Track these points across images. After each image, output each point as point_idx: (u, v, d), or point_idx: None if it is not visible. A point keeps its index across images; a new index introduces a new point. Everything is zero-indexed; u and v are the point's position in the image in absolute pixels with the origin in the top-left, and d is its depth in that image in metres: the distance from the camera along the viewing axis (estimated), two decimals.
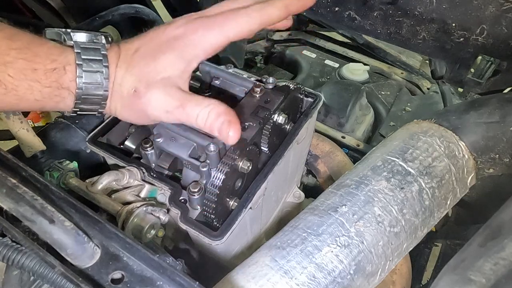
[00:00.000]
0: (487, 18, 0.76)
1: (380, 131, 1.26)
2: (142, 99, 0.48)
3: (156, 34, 0.51)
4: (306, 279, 0.49)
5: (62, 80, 0.45)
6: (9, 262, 0.39)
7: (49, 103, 0.46)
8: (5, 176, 0.42)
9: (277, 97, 0.60)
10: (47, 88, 0.44)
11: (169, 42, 0.49)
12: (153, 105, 0.48)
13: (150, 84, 0.48)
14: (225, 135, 0.47)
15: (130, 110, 0.50)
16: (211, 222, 0.53)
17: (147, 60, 0.48)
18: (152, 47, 0.49)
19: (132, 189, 0.59)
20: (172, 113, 0.48)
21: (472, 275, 0.44)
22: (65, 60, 0.45)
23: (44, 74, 0.44)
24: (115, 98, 0.49)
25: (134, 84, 0.48)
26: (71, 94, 0.46)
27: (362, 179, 0.60)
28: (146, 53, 0.49)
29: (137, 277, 0.41)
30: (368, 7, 0.89)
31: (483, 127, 0.65)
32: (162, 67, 0.48)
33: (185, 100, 0.48)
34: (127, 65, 0.49)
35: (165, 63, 0.48)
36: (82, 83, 0.46)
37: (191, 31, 0.49)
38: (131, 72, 0.48)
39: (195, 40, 0.48)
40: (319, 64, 1.53)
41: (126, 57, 0.49)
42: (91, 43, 0.47)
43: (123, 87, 0.49)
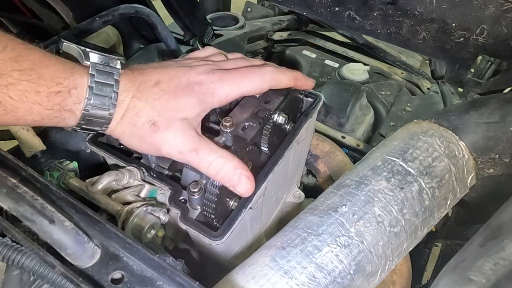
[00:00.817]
0: (487, 18, 0.76)
1: (380, 131, 1.26)
2: (159, 134, 0.49)
3: (177, 74, 0.52)
4: (306, 279, 0.49)
5: (65, 103, 0.45)
6: (9, 262, 0.39)
7: (47, 123, 0.46)
8: (5, 176, 0.42)
9: (277, 97, 0.60)
10: (48, 110, 0.44)
11: (190, 85, 0.51)
12: (169, 142, 0.49)
13: (170, 122, 0.49)
14: (243, 189, 0.49)
15: (141, 141, 0.50)
16: (211, 222, 0.53)
17: (169, 96, 0.49)
18: (174, 85, 0.51)
19: (132, 189, 0.59)
20: (184, 154, 0.49)
21: (472, 275, 0.44)
22: (71, 83, 0.45)
23: (46, 97, 0.43)
24: (125, 125, 0.49)
25: (154, 117, 0.49)
26: (73, 115, 0.46)
27: (362, 179, 0.60)
28: (168, 89, 0.50)
29: (137, 277, 0.41)
30: (368, 7, 0.89)
31: (483, 127, 0.65)
32: (182, 107, 0.50)
33: (200, 144, 0.49)
34: (146, 97, 0.49)
35: (186, 105, 0.50)
36: (90, 105, 0.46)
37: (211, 81, 0.52)
38: (152, 104, 0.49)
39: (213, 90, 0.52)
40: (319, 64, 1.53)
41: (145, 88, 0.50)
42: (106, 66, 0.48)
43: (139, 117, 0.49)
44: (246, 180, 0.49)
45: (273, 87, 0.57)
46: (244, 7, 1.82)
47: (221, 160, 0.48)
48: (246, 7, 1.82)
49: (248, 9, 1.82)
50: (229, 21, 1.57)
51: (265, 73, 0.55)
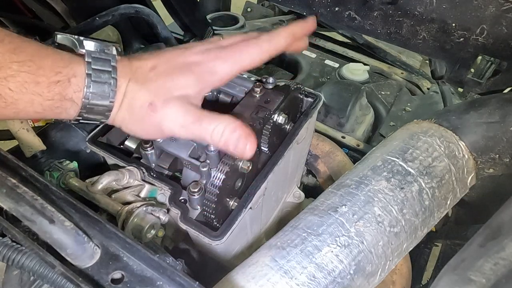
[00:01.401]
0: (487, 18, 0.76)
1: (380, 131, 1.26)
2: (158, 113, 0.48)
3: (173, 56, 0.51)
4: (306, 279, 0.49)
5: (66, 92, 0.44)
6: (9, 262, 0.39)
7: (49, 114, 0.45)
8: (5, 176, 0.42)
9: (277, 97, 0.60)
10: (49, 101, 0.44)
11: (187, 66, 0.50)
12: (169, 119, 0.48)
13: (167, 99, 0.48)
14: (241, 149, 0.48)
15: (141, 124, 0.50)
16: (211, 222, 0.53)
17: (165, 78, 0.49)
18: (170, 67, 0.50)
19: (132, 189, 0.59)
20: (187, 127, 0.48)
21: (472, 275, 0.44)
22: (71, 72, 0.45)
23: (47, 87, 0.43)
24: (124, 111, 0.49)
25: (150, 99, 0.48)
26: (74, 105, 0.46)
27: (362, 179, 0.60)
28: (164, 72, 0.50)
29: (137, 277, 0.41)
30: (368, 7, 0.89)
31: (483, 127, 0.65)
32: (180, 85, 0.49)
33: (202, 115, 0.48)
34: (143, 80, 0.49)
35: (183, 83, 0.49)
36: (89, 93, 0.46)
37: (208, 60, 0.51)
38: (147, 88, 0.48)
39: (212, 68, 0.51)
40: (319, 64, 1.53)
41: (141, 73, 0.49)
42: (102, 53, 0.47)
43: (136, 100, 0.48)
44: (243, 140, 0.47)
45: (275, 53, 0.54)
46: (244, 7, 1.82)
47: (221, 125, 0.47)
48: (246, 7, 1.82)
49: (248, 9, 1.82)
50: (229, 21, 1.57)
51: (261, 43, 0.53)
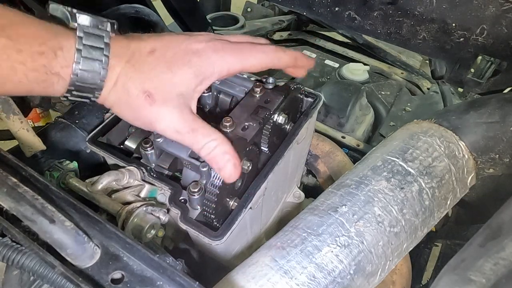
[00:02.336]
0: (487, 18, 0.76)
1: (380, 131, 1.26)
2: (155, 108, 0.47)
3: (174, 42, 0.50)
4: (306, 279, 0.49)
5: (51, 65, 0.43)
6: (9, 262, 0.39)
7: (36, 87, 0.43)
8: (5, 175, 0.42)
9: (277, 97, 0.60)
10: (34, 72, 0.42)
11: (187, 55, 0.49)
12: (165, 120, 0.48)
13: (167, 98, 0.47)
14: (226, 173, 0.48)
15: (134, 112, 0.49)
16: (211, 222, 0.53)
17: (163, 67, 0.48)
18: (170, 54, 0.49)
19: (132, 189, 0.59)
20: (182, 135, 0.48)
21: (472, 275, 0.44)
22: (57, 45, 0.43)
23: (30, 57, 0.41)
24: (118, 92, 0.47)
25: (148, 89, 0.47)
26: (62, 80, 0.44)
27: (362, 179, 0.60)
28: (163, 58, 0.48)
29: (137, 277, 0.41)
30: (368, 7, 0.89)
31: (483, 127, 0.65)
32: (178, 80, 0.48)
33: (197, 126, 0.48)
34: (140, 64, 0.47)
35: (182, 78, 0.48)
36: (79, 70, 0.44)
37: (211, 50, 0.50)
38: (146, 74, 0.47)
39: (213, 60, 0.49)
40: (319, 64, 1.53)
41: (139, 55, 0.48)
42: (95, 29, 0.45)
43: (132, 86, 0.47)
44: (231, 167, 0.48)
45: (274, 66, 0.55)
46: (244, 7, 1.82)
47: (214, 143, 0.48)
48: (246, 7, 1.82)
49: (248, 9, 1.82)
50: (229, 21, 1.57)
51: (267, 50, 0.54)
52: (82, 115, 0.79)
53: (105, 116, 0.80)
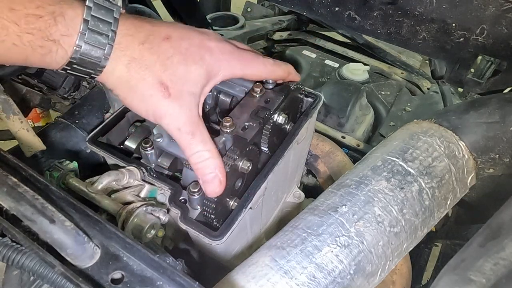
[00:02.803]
0: (487, 18, 0.76)
1: (380, 131, 1.26)
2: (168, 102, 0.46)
3: (189, 34, 0.49)
4: (306, 279, 0.49)
5: (49, 31, 0.40)
6: (9, 262, 0.39)
7: (32, 54, 0.41)
8: (5, 175, 0.42)
9: (277, 97, 0.60)
10: (28, 34, 0.39)
11: (202, 51, 0.49)
12: (173, 116, 0.46)
13: (181, 92, 0.46)
14: (209, 187, 0.49)
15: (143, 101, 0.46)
16: (211, 222, 0.53)
17: (180, 58, 0.46)
18: (185, 45, 0.48)
19: (132, 189, 0.59)
20: (181, 134, 0.47)
21: (472, 275, 0.44)
22: (58, 10, 0.40)
23: (24, 18, 0.39)
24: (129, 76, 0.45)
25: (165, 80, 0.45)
26: (62, 50, 0.42)
27: (362, 179, 0.60)
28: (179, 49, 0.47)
29: (137, 277, 0.41)
30: (368, 7, 0.89)
31: (483, 127, 0.65)
32: (192, 78, 0.47)
33: (197, 130, 0.48)
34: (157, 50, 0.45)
35: (195, 75, 0.48)
36: (84, 42, 0.42)
37: (221, 52, 0.50)
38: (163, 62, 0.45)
39: (223, 61, 0.50)
40: (319, 64, 1.53)
41: (154, 40, 0.46)
42: (106, 1, 0.43)
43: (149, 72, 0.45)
44: (217, 183, 0.48)
45: (269, 77, 0.59)
46: (244, 7, 1.82)
47: (207, 154, 0.48)
48: (246, 7, 1.82)
49: (248, 9, 1.82)
50: (229, 21, 1.57)
51: (266, 63, 0.56)
52: (82, 115, 0.79)
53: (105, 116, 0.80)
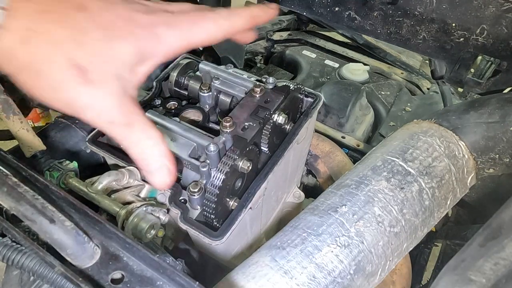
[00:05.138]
0: (487, 18, 0.76)
1: (380, 131, 1.26)
2: (87, 90, 0.36)
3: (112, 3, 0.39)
4: (306, 279, 0.49)
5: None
6: (9, 262, 0.39)
7: None
8: (5, 175, 0.42)
9: (277, 97, 0.60)
10: None
11: (130, 23, 0.39)
12: (97, 108, 0.37)
13: (105, 76, 0.37)
14: (158, 179, 0.41)
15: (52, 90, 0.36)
16: (211, 222, 0.53)
17: (99, 34, 0.36)
18: (107, 18, 0.38)
19: (132, 189, 0.59)
20: (115, 127, 0.39)
21: (472, 275, 0.44)
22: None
23: None
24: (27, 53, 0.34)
25: (80, 60, 0.35)
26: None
27: (362, 179, 0.60)
28: (98, 20, 0.37)
29: (137, 277, 0.41)
30: (368, 7, 0.89)
31: (483, 127, 0.65)
32: (118, 58, 0.38)
33: (135, 118, 0.39)
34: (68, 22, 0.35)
35: (122, 55, 0.38)
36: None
37: (155, 23, 0.40)
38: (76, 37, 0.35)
39: (158, 35, 0.40)
40: (319, 64, 1.53)
41: (64, 9, 0.36)
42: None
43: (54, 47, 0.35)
44: (166, 173, 0.41)
45: (229, 34, 0.46)
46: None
47: (149, 142, 0.40)
48: None
49: None
50: None
51: (218, 18, 0.44)
52: None
53: None
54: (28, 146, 0.63)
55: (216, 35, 0.45)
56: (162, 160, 0.40)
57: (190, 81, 0.69)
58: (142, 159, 0.40)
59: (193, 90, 0.69)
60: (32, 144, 0.63)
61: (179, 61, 0.74)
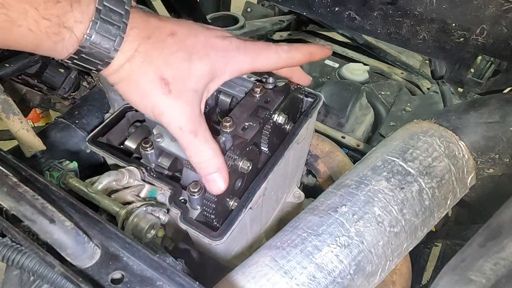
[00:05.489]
0: (487, 18, 0.76)
1: (380, 131, 1.26)
2: (169, 99, 0.45)
3: (195, 30, 0.48)
4: (306, 279, 0.49)
5: (66, 17, 0.39)
6: (9, 262, 0.39)
7: (46, 41, 0.40)
8: (5, 175, 0.42)
9: (277, 97, 0.60)
10: (45, 20, 0.39)
11: (207, 47, 0.47)
12: (173, 114, 0.45)
13: (183, 90, 0.45)
14: (215, 187, 0.48)
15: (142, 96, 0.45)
16: (211, 222, 0.53)
17: (184, 55, 0.45)
18: (190, 42, 0.47)
19: (132, 189, 0.59)
20: (183, 133, 0.46)
21: (472, 275, 0.44)
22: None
23: (43, 3, 0.38)
24: (130, 71, 0.44)
25: (166, 75, 0.44)
26: (73, 37, 0.41)
27: (362, 179, 0.60)
28: (183, 44, 0.46)
29: (137, 277, 0.41)
30: (368, 7, 0.89)
31: (483, 127, 0.65)
32: (195, 75, 0.46)
33: (200, 128, 0.47)
34: (161, 45, 0.44)
35: (198, 72, 0.46)
36: (94, 31, 0.41)
37: (228, 48, 0.49)
38: (166, 57, 0.44)
39: (228, 60, 0.48)
40: (319, 64, 1.53)
41: (160, 35, 0.45)
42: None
43: (150, 66, 0.44)
44: (222, 182, 0.48)
45: (287, 66, 0.55)
46: (244, 7, 1.82)
47: (210, 153, 0.47)
48: (246, 7, 1.82)
49: (248, 9, 1.82)
50: (229, 21, 1.57)
51: (280, 51, 0.52)
52: (82, 115, 0.79)
53: (105, 116, 0.80)
54: (28, 146, 0.63)
55: (276, 65, 0.53)
56: (219, 170, 0.48)
57: None
58: (202, 168, 0.48)
59: None
60: (32, 144, 0.63)
61: None
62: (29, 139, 0.63)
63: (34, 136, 0.64)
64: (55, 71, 0.95)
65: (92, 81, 0.99)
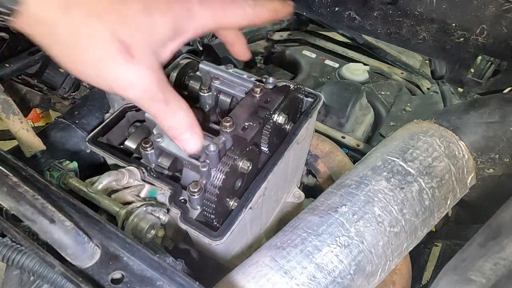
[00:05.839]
0: (487, 18, 0.76)
1: (380, 131, 1.26)
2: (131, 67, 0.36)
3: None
4: (306, 279, 0.49)
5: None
6: (9, 262, 0.39)
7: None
8: (6, 175, 0.42)
9: (277, 97, 0.60)
10: None
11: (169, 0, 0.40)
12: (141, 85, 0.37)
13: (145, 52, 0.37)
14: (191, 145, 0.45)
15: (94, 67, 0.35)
16: (211, 222, 0.53)
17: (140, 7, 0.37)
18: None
19: (132, 189, 0.59)
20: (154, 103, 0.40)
21: (472, 275, 0.44)
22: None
23: None
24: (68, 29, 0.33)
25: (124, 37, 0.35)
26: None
27: (362, 179, 0.60)
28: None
29: (137, 277, 0.41)
30: (368, 7, 0.89)
31: (483, 127, 0.65)
32: (156, 31, 0.38)
33: (169, 94, 0.40)
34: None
35: (161, 30, 0.38)
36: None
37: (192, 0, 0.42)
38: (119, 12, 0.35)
39: (194, 13, 0.41)
40: (319, 64, 1.53)
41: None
42: None
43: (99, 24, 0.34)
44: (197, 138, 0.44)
45: (253, 23, 0.49)
46: None
47: (182, 113, 0.42)
48: None
49: None
50: None
51: (246, 7, 0.46)
52: (82, 115, 0.79)
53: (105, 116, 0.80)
54: (28, 146, 0.63)
55: (242, 22, 0.47)
56: (192, 128, 0.44)
57: (190, 81, 0.69)
58: (174, 128, 0.43)
59: (193, 90, 0.69)
60: (32, 144, 0.63)
61: (179, 61, 0.74)
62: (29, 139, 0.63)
63: (34, 136, 0.64)
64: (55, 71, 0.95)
65: None
